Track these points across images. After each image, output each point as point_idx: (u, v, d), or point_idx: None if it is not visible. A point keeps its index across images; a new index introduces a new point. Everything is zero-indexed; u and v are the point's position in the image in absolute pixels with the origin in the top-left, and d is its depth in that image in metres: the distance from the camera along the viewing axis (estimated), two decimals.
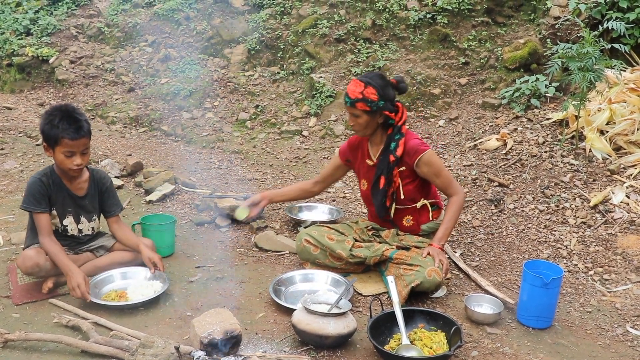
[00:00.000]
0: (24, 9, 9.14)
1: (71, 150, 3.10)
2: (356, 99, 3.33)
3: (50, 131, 3.08)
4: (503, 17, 6.98)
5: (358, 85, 3.34)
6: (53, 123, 3.06)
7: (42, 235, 3.18)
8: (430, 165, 3.40)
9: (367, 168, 3.60)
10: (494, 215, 4.29)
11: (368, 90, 3.32)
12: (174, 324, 2.93)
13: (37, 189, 3.17)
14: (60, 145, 3.09)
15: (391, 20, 7.25)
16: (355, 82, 3.37)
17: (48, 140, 3.11)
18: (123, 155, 5.76)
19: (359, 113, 3.37)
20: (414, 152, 3.40)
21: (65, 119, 3.07)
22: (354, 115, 3.40)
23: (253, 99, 7.09)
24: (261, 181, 5.25)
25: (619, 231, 3.86)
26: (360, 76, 3.42)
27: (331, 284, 3.38)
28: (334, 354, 2.71)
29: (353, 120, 3.43)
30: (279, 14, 8.07)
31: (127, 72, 7.91)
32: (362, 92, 3.32)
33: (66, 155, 3.12)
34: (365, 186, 3.62)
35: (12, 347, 2.66)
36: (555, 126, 5.05)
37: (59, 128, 3.05)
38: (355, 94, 3.33)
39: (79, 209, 3.35)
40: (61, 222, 3.31)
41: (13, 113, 7.20)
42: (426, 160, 3.39)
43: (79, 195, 3.34)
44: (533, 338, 2.93)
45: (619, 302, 3.29)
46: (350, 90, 3.36)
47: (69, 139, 3.07)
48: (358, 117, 3.39)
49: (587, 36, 4.36)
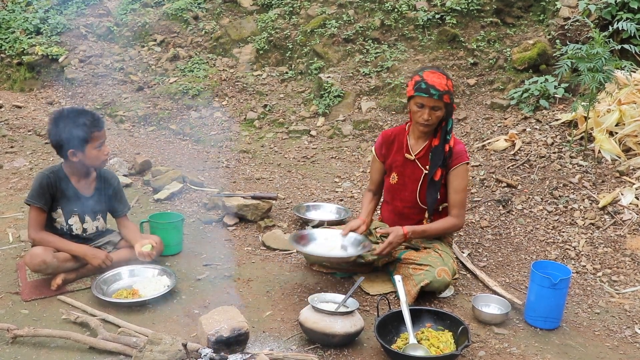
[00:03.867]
0: (34, 8, 9.19)
1: (100, 141, 3.21)
2: (444, 91, 3.16)
3: (78, 132, 3.11)
4: (512, 17, 6.96)
5: (441, 77, 3.19)
6: (77, 123, 3.11)
7: (34, 231, 3.21)
8: (462, 178, 3.33)
9: (402, 162, 3.45)
10: (502, 216, 4.28)
11: (449, 83, 3.21)
12: (182, 321, 2.94)
13: (42, 183, 3.20)
14: (92, 140, 3.17)
15: (400, 21, 7.24)
16: (436, 74, 3.20)
17: (77, 142, 3.13)
18: (131, 154, 5.79)
19: (441, 106, 3.20)
20: (458, 157, 3.32)
21: (84, 115, 3.17)
22: (435, 108, 3.20)
23: (261, 99, 7.11)
24: (269, 180, 5.26)
25: (627, 232, 3.84)
26: (431, 68, 3.27)
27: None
28: (341, 352, 2.71)
29: (431, 113, 3.21)
30: (287, 14, 8.08)
31: (136, 71, 7.94)
32: (447, 84, 3.18)
33: (98, 147, 3.21)
34: (395, 180, 3.47)
35: (21, 343, 2.68)
36: (564, 127, 5.03)
37: (86, 125, 3.12)
38: (443, 86, 3.15)
39: (84, 208, 3.37)
40: (66, 221, 3.33)
41: (23, 111, 7.25)
42: (462, 170, 3.33)
43: (85, 195, 3.35)
44: (540, 339, 2.92)
45: (628, 304, 3.28)
46: (436, 83, 3.15)
47: (98, 131, 3.18)
48: (437, 110, 3.21)
49: (597, 37, 4.34)
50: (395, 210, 3.54)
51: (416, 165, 3.42)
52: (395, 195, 3.51)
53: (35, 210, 3.21)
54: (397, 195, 3.50)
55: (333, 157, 5.86)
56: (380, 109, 6.47)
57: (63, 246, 3.24)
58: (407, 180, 3.44)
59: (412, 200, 3.43)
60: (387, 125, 6.16)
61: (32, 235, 3.23)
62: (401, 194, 3.47)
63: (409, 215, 3.46)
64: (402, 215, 3.49)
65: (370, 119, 6.32)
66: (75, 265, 3.28)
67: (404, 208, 3.46)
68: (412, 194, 3.43)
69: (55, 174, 3.25)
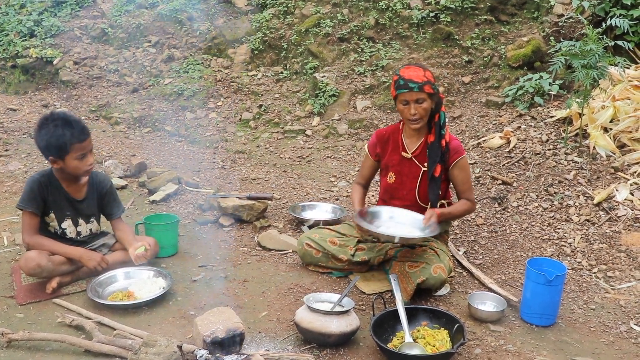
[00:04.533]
0: (27, 10, 9.17)
1: (83, 152, 3.13)
2: (423, 82, 3.19)
3: (57, 142, 3.05)
4: (506, 15, 6.96)
5: (417, 69, 3.24)
6: (58, 133, 3.04)
7: (29, 235, 3.20)
8: (465, 170, 3.39)
9: (398, 160, 3.46)
10: (498, 213, 4.28)
11: (428, 73, 3.24)
12: (177, 323, 2.94)
13: (33, 188, 3.18)
14: (72, 152, 3.09)
15: (394, 19, 7.24)
16: (412, 68, 3.25)
17: (56, 151, 3.08)
18: (127, 156, 5.78)
19: (424, 97, 3.22)
20: (455, 152, 3.35)
21: (67, 125, 3.06)
22: (419, 101, 3.23)
23: (256, 99, 7.10)
24: (265, 181, 5.25)
25: (622, 228, 3.85)
26: (407, 64, 3.32)
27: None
28: (337, 352, 2.71)
29: (416, 107, 3.24)
30: (282, 13, 8.08)
31: (131, 73, 7.92)
32: (425, 74, 3.22)
33: (79, 158, 3.13)
34: (393, 179, 3.47)
35: (16, 347, 2.67)
36: (558, 124, 5.03)
37: (66, 135, 3.05)
38: (421, 77, 3.20)
39: (76, 212, 3.35)
40: (59, 225, 3.32)
41: (17, 114, 7.22)
42: (463, 163, 3.37)
43: (77, 199, 3.33)
44: (536, 335, 2.92)
45: (623, 300, 3.28)
46: (413, 75, 3.21)
47: (79, 142, 3.08)
48: (422, 102, 3.23)
49: (591, 33, 4.35)
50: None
51: (413, 163, 3.42)
52: (394, 194, 3.50)
53: (28, 215, 3.20)
54: (395, 194, 3.49)
55: (329, 157, 5.86)
56: (376, 107, 6.47)
57: (58, 249, 3.23)
58: (404, 179, 3.44)
59: (411, 199, 3.43)
60: (382, 124, 6.16)
61: (26, 240, 3.22)
62: (399, 192, 3.47)
63: None
64: None
65: (366, 118, 6.32)
66: (71, 268, 3.26)
67: (403, 206, 3.44)
68: (411, 192, 3.43)
69: (47, 178, 3.23)
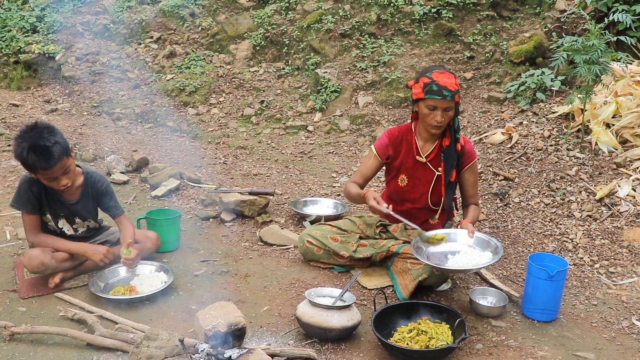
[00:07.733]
0: (30, 6, 9.17)
1: (51, 176, 2.99)
2: (456, 91, 3.09)
3: (23, 164, 2.95)
4: (508, 10, 6.95)
5: (450, 76, 3.11)
6: (22, 156, 2.89)
7: (32, 234, 3.21)
8: (475, 173, 3.41)
9: (412, 164, 3.39)
10: (500, 209, 4.28)
11: (457, 81, 3.17)
12: (179, 317, 2.94)
13: (25, 191, 3.14)
14: (40, 175, 3.00)
15: (396, 15, 7.23)
16: (445, 74, 3.12)
17: (27, 168, 3.00)
18: (129, 151, 5.79)
19: (453, 106, 3.13)
20: (469, 156, 3.36)
21: (32, 150, 2.86)
22: (447, 109, 3.13)
23: (258, 95, 7.10)
24: (266, 176, 5.25)
25: (625, 224, 3.85)
26: (438, 68, 3.17)
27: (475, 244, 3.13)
28: (338, 346, 2.71)
29: (444, 115, 3.14)
30: (283, 9, 8.07)
31: (133, 69, 7.93)
32: (455, 82, 3.12)
33: (49, 180, 3.02)
34: (405, 182, 3.41)
35: (19, 340, 2.68)
36: (561, 120, 5.02)
37: (29, 161, 2.88)
38: (454, 86, 3.08)
39: (71, 212, 3.32)
40: (56, 225, 3.32)
41: (20, 110, 7.24)
42: (475, 167, 3.40)
43: (70, 201, 3.28)
44: (538, 331, 2.92)
45: (625, 295, 3.28)
46: (448, 83, 3.07)
47: (43, 170, 2.93)
48: (449, 111, 3.14)
49: (593, 29, 4.34)
50: (402, 210, 3.44)
51: (427, 168, 3.38)
52: (405, 197, 3.46)
53: (26, 215, 3.20)
54: (406, 197, 3.45)
55: (330, 152, 5.86)
56: (377, 103, 6.46)
57: (62, 246, 3.22)
58: (417, 183, 3.41)
59: (423, 202, 3.42)
60: (384, 120, 6.16)
61: (30, 239, 3.25)
62: (411, 195, 3.43)
63: (417, 215, 3.43)
64: (409, 215, 3.39)
65: (367, 114, 6.31)
66: (74, 263, 3.27)
67: (413, 209, 3.44)
68: (424, 196, 3.40)
69: (38, 182, 3.15)
